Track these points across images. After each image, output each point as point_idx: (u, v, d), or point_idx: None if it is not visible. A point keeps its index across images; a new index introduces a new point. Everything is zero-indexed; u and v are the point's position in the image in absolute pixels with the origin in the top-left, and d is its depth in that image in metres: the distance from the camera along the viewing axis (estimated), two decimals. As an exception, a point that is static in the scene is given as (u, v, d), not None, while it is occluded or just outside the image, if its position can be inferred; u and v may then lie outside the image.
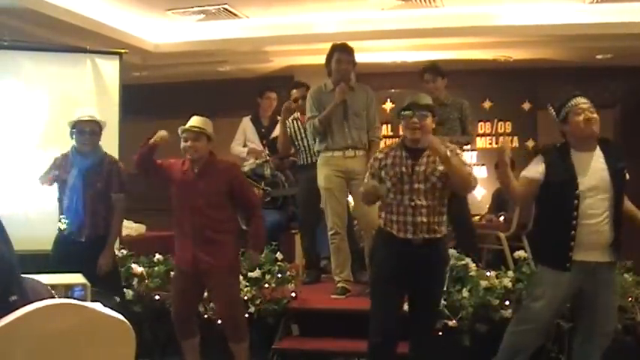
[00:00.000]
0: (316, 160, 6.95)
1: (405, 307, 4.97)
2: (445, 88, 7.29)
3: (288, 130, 7.40)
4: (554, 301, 4.78)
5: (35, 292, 2.05)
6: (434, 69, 7.30)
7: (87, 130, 5.67)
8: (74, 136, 5.68)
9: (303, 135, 7.25)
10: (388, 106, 10.55)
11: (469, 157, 10.13)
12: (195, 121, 5.31)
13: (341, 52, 6.61)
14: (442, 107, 7.09)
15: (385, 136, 9.72)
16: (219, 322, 5.64)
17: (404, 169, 4.70)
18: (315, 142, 6.84)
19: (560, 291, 4.75)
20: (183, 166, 5.36)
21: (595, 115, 4.63)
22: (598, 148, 4.68)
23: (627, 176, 4.71)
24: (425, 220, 4.71)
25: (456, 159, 4.63)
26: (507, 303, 5.70)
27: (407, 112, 4.71)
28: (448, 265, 5.36)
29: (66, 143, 5.79)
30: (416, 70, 7.29)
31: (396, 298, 4.79)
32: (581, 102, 4.66)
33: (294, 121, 7.41)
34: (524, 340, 4.85)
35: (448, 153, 4.57)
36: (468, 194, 4.73)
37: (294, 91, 7.48)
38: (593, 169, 4.62)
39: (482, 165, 10.38)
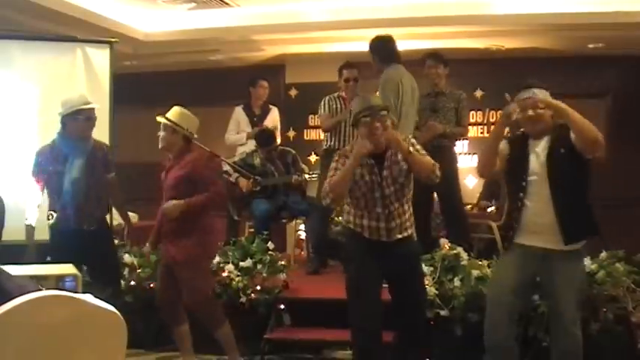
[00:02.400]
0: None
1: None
2: (446, 77, 7.32)
3: (330, 105, 7.39)
4: (501, 285, 4.72)
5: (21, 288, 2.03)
6: (437, 56, 7.35)
7: (93, 117, 5.63)
8: (79, 123, 5.55)
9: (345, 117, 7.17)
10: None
11: (460, 146, 10.14)
12: (170, 113, 5.42)
13: None
14: (439, 95, 7.24)
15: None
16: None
17: (374, 177, 4.68)
18: None
19: (506, 273, 4.71)
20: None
21: (539, 111, 4.54)
22: (551, 134, 4.61)
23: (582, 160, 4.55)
24: (398, 222, 4.75)
25: (416, 153, 4.65)
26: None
27: (366, 119, 4.63)
28: (421, 256, 5.37)
29: (56, 132, 5.74)
30: (407, 59, 7.26)
31: (375, 291, 4.77)
32: (525, 97, 4.60)
33: (338, 99, 7.40)
34: (485, 330, 4.80)
35: (411, 149, 4.61)
36: (433, 182, 4.69)
37: (345, 71, 7.40)
38: (538, 155, 4.60)
39: (474, 154, 10.36)
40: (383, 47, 6.89)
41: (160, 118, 5.39)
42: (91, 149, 5.68)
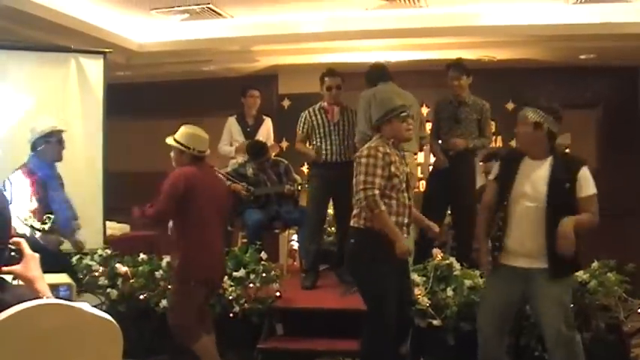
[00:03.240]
0: (335, 160, 7.00)
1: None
2: (469, 87, 7.21)
3: (311, 120, 7.23)
4: (490, 305, 4.79)
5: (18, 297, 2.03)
6: (459, 66, 7.21)
7: (63, 140, 5.67)
8: (52, 146, 5.59)
9: (328, 129, 7.12)
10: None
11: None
12: (178, 133, 5.47)
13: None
14: (462, 105, 7.10)
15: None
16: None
17: (404, 168, 4.80)
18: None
19: (495, 295, 4.76)
20: None
21: (524, 130, 4.62)
22: (551, 158, 4.60)
23: (580, 191, 4.52)
24: (411, 219, 4.82)
25: None
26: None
27: (405, 114, 4.84)
28: None
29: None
30: (400, 70, 7.29)
31: (395, 298, 4.86)
32: (522, 115, 4.66)
33: (320, 111, 7.25)
34: (479, 345, 4.82)
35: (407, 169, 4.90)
36: None
37: (327, 79, 7.27)
38: (534, 178, 4.59)
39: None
40: (371, 72, 7.04)
41: (168, 140, 5.43)
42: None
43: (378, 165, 4.68)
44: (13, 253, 2.21)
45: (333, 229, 8.09)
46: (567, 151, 4.85)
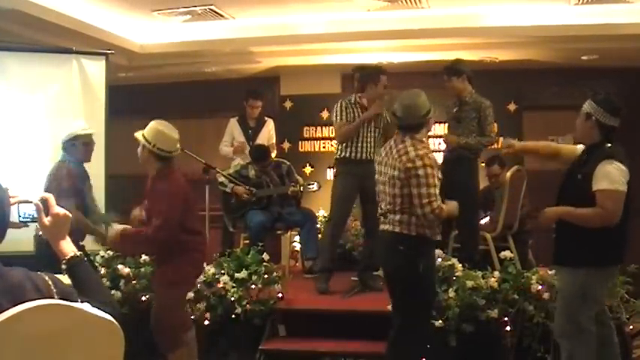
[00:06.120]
0: (366, 157, 6.71)
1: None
2: (469, 83, 7.15)
3: (348, 116, 6.81)
4: None
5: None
6: (448, 68, 7.17)
7: (91, 143, 5.92)
8: (77, 148, 5.77)
9: (369, 125, 6.84)
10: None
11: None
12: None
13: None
14: (463, 105, 7.11)
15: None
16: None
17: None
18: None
19: None
20: None
21: (577, 120, 4.90)
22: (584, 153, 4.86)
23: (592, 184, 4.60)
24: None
25: None
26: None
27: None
28: None
29: (52, 144, 5.75)
30: (402, 71, 7.27)
31: None
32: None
33: (355, 106, 6.88)
34: None
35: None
36: None
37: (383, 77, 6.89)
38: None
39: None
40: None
41: (136, 134, 5.26)
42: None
43: (435, 175, 4.65)
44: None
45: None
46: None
